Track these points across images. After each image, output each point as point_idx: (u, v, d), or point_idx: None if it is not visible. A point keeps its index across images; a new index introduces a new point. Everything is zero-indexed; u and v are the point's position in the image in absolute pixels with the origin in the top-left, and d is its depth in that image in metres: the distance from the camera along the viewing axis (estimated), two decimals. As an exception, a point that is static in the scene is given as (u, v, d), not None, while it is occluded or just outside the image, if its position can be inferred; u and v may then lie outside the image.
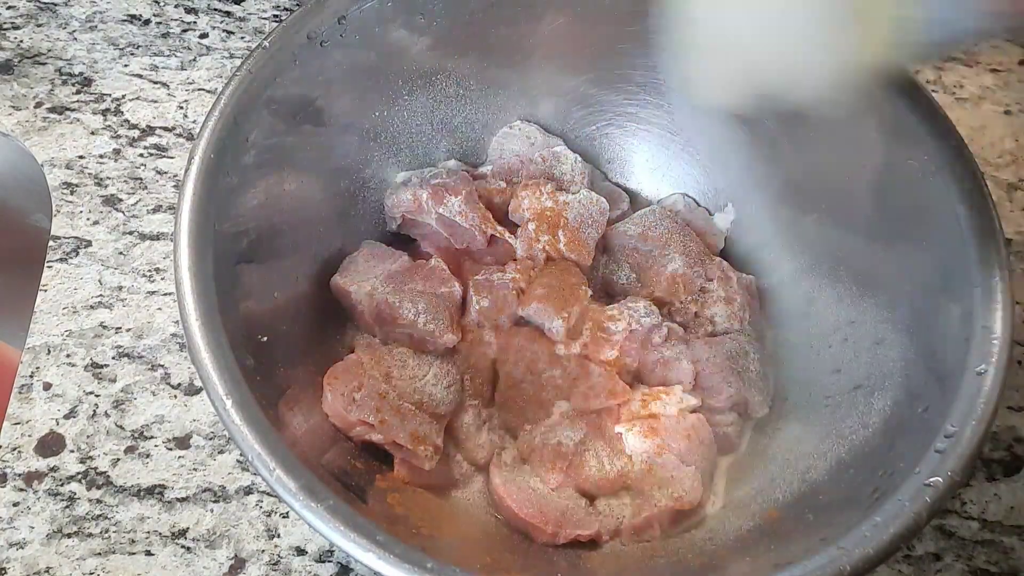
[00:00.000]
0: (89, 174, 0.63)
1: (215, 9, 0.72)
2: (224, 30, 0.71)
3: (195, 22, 0.71)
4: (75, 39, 0.69)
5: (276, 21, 0.72)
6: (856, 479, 0.45)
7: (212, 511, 0.52)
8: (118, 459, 0.53)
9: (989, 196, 0.48)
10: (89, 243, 0.60)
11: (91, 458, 0.53)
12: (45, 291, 0.58)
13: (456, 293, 0.55)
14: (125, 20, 0.70)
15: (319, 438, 0.49)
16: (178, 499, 0.52)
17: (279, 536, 0.51)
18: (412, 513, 0.48)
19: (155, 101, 0.67)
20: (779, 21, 0.42)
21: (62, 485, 0.52)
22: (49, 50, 0.68)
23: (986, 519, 0.55)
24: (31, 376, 0.55)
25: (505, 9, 0.57)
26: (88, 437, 0.53)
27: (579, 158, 0.62)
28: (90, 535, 0.50)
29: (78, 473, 0.52)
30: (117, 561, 0.50)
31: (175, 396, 0.55)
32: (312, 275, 0.55)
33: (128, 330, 0.57)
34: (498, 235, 0.59)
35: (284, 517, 0.52)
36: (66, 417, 0.54)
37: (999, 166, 0.69)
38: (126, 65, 0.68)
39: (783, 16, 0.41)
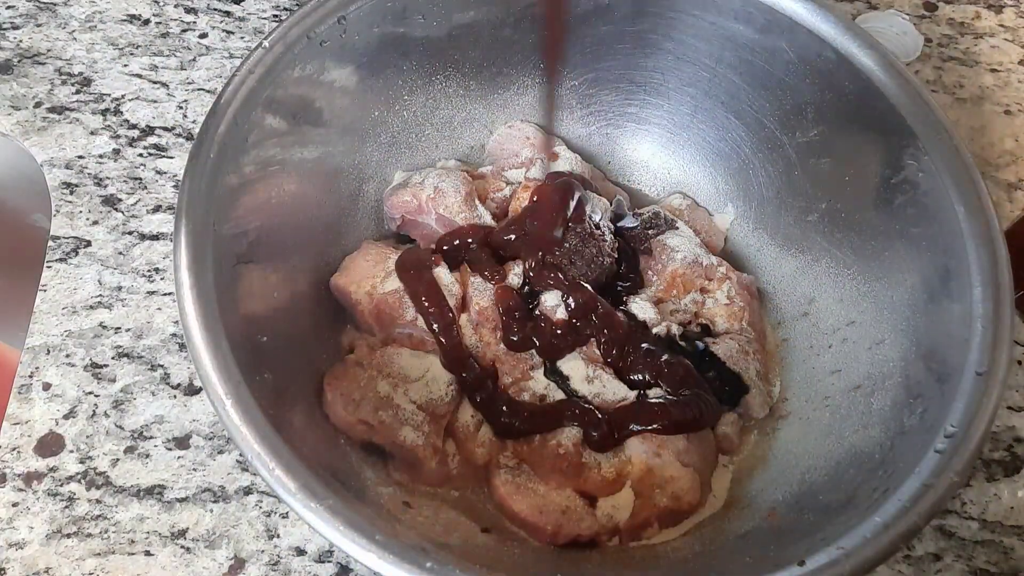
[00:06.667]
0: (89, 174, 0.63)
1: (215, 9, 0.72)
2: (224, 30, 0.71)
3: (195, 22, 0.71)
4: (75, 39, 0.69)
5: (276, 21, 0.72)
6: (856, 479, 0.45)
7: (212, 511, 0.52)
8: (118, 459, 0.53)
9: (989, 196, 0.48)
10: (89, 243, 0.60)
11: (91, 458, 0.53)
12: (45, 291, 0.58)
13: (456, 293, 0.55)
14: (125, 20, 0.70)
15: (319, 438, 0.49)
16: (178, 499, 0.52)
17: (279, 536, 0.51)
18: (412, 513, 0.48)
19: (155, 101, 0.67)
20: None
21: (62, 485, 0.52)
22: (49, 50, 0.68)
23: (986, 519, 0.55)
24: (31, 376, 0.55)
25: (505, 9, 0.57)
26: (88, 437, 0.53)
27: (579, 158, 0.62)
28: (89, 535, 0.50)
29: (77, 473, 0.52)
30: (117, 561, 0.50)
31: (175, 396, 0.55)
32: (312, 275, 0.55)
33: (128, 330, 0.57)
34: (498, 235, 0.59)
35: (284, 517, 0.52)
36: (66, 417, 0.54)
37: (999, 166, 0.69)
38: (126, 65, 0.68)
39: None
